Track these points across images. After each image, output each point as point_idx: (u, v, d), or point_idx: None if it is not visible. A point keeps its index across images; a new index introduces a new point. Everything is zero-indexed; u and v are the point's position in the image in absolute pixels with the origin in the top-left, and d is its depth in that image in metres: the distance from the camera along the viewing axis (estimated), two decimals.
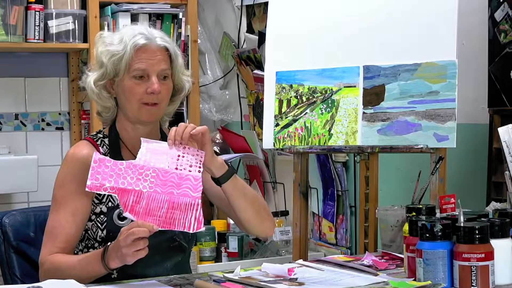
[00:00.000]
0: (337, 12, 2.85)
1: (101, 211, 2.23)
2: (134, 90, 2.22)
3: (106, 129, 2.32)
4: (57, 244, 2.17)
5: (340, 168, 3.53)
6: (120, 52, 2.21)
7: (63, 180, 2.24)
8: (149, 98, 2.22)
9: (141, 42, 2.21)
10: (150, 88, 2.20)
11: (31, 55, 4.10)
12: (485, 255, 1.85)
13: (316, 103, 2.83)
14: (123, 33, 2.26)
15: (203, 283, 1.97)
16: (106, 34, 2.29)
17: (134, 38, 2.22)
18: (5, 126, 4.08)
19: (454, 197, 2.13)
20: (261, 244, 3.57)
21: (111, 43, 2.25)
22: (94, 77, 2.27)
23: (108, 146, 2.28)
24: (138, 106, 2.23)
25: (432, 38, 2.65)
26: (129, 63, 2.21)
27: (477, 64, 3.22)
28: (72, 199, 2.20)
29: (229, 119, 4.35)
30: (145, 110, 2.23)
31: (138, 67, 2.21)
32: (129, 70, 2.22)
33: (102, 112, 2.32)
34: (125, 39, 2.22)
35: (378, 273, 2.07)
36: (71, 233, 2.19)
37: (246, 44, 4.13)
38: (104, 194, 2.22)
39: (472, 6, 3.21)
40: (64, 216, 2.19)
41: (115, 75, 2.24)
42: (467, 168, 3.29)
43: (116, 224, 2.20)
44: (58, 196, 2.22)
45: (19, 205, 3.97)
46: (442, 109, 2.59)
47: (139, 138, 2.23)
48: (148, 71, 2.21)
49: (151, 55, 2.22)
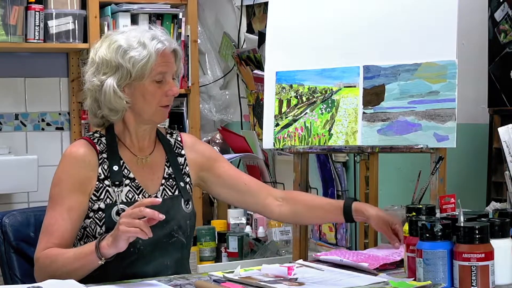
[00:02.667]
0: (337, 12, 2.85)
1: (99, 208, 2.23)
2: (156, 94, 2.25)
3: (103, 129, 2.33)
4: (52, 240, 2.18)
5: (340, 168, 3.53)
6: (145, 56, 2.22)
7: (59, 178, 2.25)
8: (168, 100, 2.27)
9: (160, 46, 2.24)
10: (171, 90, 2.26)
11: (31, 55, 4.10)
12: (485, 255, 1.85)
13: (316, 103, 2.83)
14: (139, 36, 2.24)
15: (203, 283, 1.97)
16: (118, 37, 2.26)
17: (153, 41, 2.24)
18: (5, 126, 4.08)
19: (454, 197, 2.13)
20: (261, 244, 3.57)
21: (130, 46, 2.23)
22: (115, 80, 2.24)
23: (105, 145, 2.29)
24: (156, 108, 2.26)
25: (432, 38, 2.65)
26: (152, 67, 2.24)
27: (477, 64, 3.22)
28: (68, 197, 2.21)
29: (229, 119, 4.35)
30: (161, 112, 2.28)
31: (161, 71, 2.25)
32: (151, 74, 2.24)
33: (108, 115, 2.28)
34: (145, 43, 2.23)
35: (378, 273, 2.07)
36: (67, 230, 2.20)
37: (246, 44, 4.13)
38: (102, 191, 2.23)
39: (472, 6, 3.20)
40: (60, 214, 2.20)
41: (136, 78, 2.23)
42: (467, 168, 3.29)
43: (115, 221, 2.20)
44: (54, 194, 2.23)
45: (19, 205, 3.97)
46: (442, 109, 2.59)
47: (141, 137, 2.30)
48: (167, 74, 2.27)
49: (168, 58, 2.27)
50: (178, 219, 2.29)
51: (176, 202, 2.30)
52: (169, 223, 2.24)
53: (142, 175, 2.29)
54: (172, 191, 2.32)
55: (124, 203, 2.23)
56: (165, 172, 2.33)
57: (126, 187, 2.25)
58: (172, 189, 2.32)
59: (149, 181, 2.30)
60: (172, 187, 2.33)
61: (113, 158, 2.27)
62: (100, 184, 2.24)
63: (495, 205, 2.62)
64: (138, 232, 1.99)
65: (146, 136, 2.33)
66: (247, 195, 2.44)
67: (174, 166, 2.35)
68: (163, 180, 2.32)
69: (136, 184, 2.27)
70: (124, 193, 2.24)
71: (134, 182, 2.27)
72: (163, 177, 2.32)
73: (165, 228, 2.23)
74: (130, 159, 2.30)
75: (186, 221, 2.31)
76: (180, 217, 2.29)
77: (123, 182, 2.25)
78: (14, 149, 4.04)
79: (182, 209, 2.31)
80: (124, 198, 2.24)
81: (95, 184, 2.24)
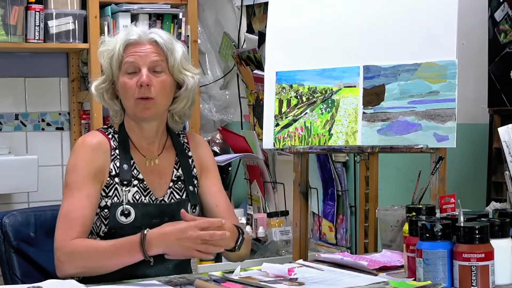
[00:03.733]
0: (337, 12, 2.85)
1: (106, 205, 2.22)
2: (127, 85, 2.22)
3: (116, 126, 2.32)
4: (75, 228, 2.14)
5: (340, 168, 3.53)
6: (111, 51, 2.24)
7: (75, 165, 2.22)
8: (142, 92, 2.21)
9: (131, 38, 2.23)
10: (140, 80, 2.20)
11: (31, 55, 4.10)
12: (485, 255, 1.85)
13: (316, 103, 2.83)
14: (119, 34, 2.28)
15: (203, 283, 1.97)
16: (107, 39, 2.31)
17: (127, 35, 2.24)
18: (5, 126, 4.08)
19: (454, 197, 2.13)
20: (261, 244, 3.57)
21: (106, 44, 2.27)
22: (96, 82, 2.30)
23: (117, 142, 2.28)
24: (133, 102, 2.22)
25: (432, 38, 2.65)
26: (120, 60, 2.23)
27: (477, 64, 3.22)
28: (85, 183, 2.19)
29: (229, 119, 4.35)
30: (141, 105, 2.22)
31: (127, 61, 2.22)
32: (121, 67, 2.23)
33: (113, 116, 2.33)
34: (117, 39, 2.25)
35: (378, 273, 2.07)
36: (87, 216, 2.17)
37: (246, 44, 4.13)
38: (111, 188, 2.22)
39: (472, 6, 3.20)
40: (79, 200, 2.17)
41: (113, 75, 2.26)
42: (467, 168, 3.29)
43: (119, 221, 2.21)
44: (71, 181, 2.20)
45: (19, 205, 3.97)
46: (442, 109, 2.59)
47: (146, 137, 2.27)
48: (138, 64, 2.22)
49: (141, 48, 2.23)
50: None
51: (183, 207, 2.28)
52: None
53: (150, 177, 2.28)
54: (180, 194, 2.31)
55: (130, 204, 2.22)
56: (173, 175, 2.31)
57: (134, 187, 2.24)
58: (181, 192, 2.31)
59: (156, 184, 2.28)
60: (180, 190, 2.31)
61: (124, 157, 2.26)
62: (110, 180, 2.23)
63: (495, 205, 2.62)
64: (201, 256, 2.03)
65: (154, 137, 2.30)
66: (210, 214, 2.35)
67: (185, 168, 2.33)
68: (171, 183, 2.31)
69: (144, 185, 2.26)
70: (131, 193, 2.23)
71: (142, 184, 2.26)
72: (171, 179, 2.31)
73: None
74: (140, 160, 2.28)
75: None
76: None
77: (131, 182, 2.24)
78: (14, 149, 4.04)
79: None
80: (131, 199, 2.23)
81: (106, 178, 2.22)
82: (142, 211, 2.23)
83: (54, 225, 2.29)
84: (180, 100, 2.31)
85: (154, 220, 2.23)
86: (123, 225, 2.21)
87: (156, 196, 2.27)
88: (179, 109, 2.32)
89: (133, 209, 2.22)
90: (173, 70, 2.27)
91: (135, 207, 2.22)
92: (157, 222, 2.20)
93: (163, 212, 2.26)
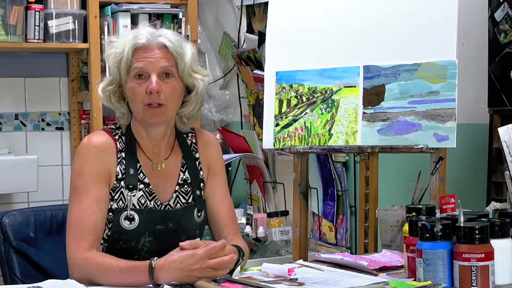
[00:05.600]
0: (337, 12, 2.85)
1: (111, 208, 2.18)
2: (136, 91, 2.18)
3: (124, 128, 2.28)
4: (86, 237, 2.10)
5: (340, 168, 3.53)
6: (119, 54, 2.20)
7: (81, 168, 2.17)
8: (151, 98, 2.17)
9: (140, 42, 2.19)
10: (149, 87, 2.16)
11: (31, 55, 4.10)
12: (485, 255, 1.85)
13: (316, 103, 2.83)
14: (127, 35, 2.23)
15: (203, 283, 1.97)
16: (113, 39, 2.27)
17: (135, 39, 2.20)
18: (5, 126, 4.08)
19: (454, 197, 2.13)
20: (261, 244, 3.57)
21: (114, 46, 2.23)
22: (102, 84, 2.26)
23: (124, 145, 2.24)
24: (142, 108, 2.19)
25: (432, 38, 2.65)
26: (128, 64, 2.19)
27: (477, 64, 3.22)
28: (94, 187, 2.15)
29: (229, 119, 4.35)
30: (150, 112, 2.19)
31: (136, 66, 2.18)
32: (130, 71, 2.20)
33: (119, 117, 2.28)
34: (126, 41, 2.21)
35: (378, 273, 2.07)
36: (98, 221, 2.13)
37: (246, 44, 4.12)
38: (117, 191, 2.19)
39: (472, 6, 3.21)
40: (88, 205, 2.13)
41: (121, 79, 2.22)
42: (467, 168, 3.29)
43: (122, 227, 2.18)
44: (78, 185, 2.16)
45: (19, 205, 3.97)
46: (442, 109, 2.59)
47: (153, 140, 2.24)
48: (147, 69, 2.18)
49: (150, 53, 2.19)
50: (188, 230, 2.25)
51: (189, 212, 2.26)
52: (178, 234, 2.22)
53: (156, 181, 2.25)
54: (186, 199, 2.28)
55: (134, 210, 2.19)
56: (180, 178, 2.28)
57: (139, 191, 2.21)
58: (187, 195, 2.28)
59: (161, 188, 2.25)
60: (186, 194, 2.28)
61: (131, 160, 2.22)
62: (117, 183, 2.20)
63: (495, 205, 2.62)
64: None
65: (161, 140, 2.27)
66: (210, 219, 2.33)
67: (192, 171, 2.30)
68: (177, 187, 2.27)
69: (150, 190, 2.23)
70: (136, 197, 2.20)
71: (148, 188, 2.23)
72: (177, 183, 2.27)
73: (173, 239, 2.17)
74: (146, 164, 2.25)
75: (196, 231, 2.28)
76: (190, 227, 2.26)
77: (137, 186, 2.21)
78: (14, 149, 4.04)
79: (194, 219, 2.27)
80: (136, 203, 2.20)
81: (113, 181, 2.19)
82: (147, 217, 2.20)
83: (54, 225, 2.30)
84: (190, 103, 2.27)
85: (158, 226, 2.21)
86: (127, 230, 2.18)
87: (161, 200, 2.24)
88: (188, 112, 2.29)
89: (137, 215, 2.19)
90: (183, 75, 2.23)
91: (140, 213, 2.19)
92: (161, 228, 2.20)
93: (168, 218, 2.23)
